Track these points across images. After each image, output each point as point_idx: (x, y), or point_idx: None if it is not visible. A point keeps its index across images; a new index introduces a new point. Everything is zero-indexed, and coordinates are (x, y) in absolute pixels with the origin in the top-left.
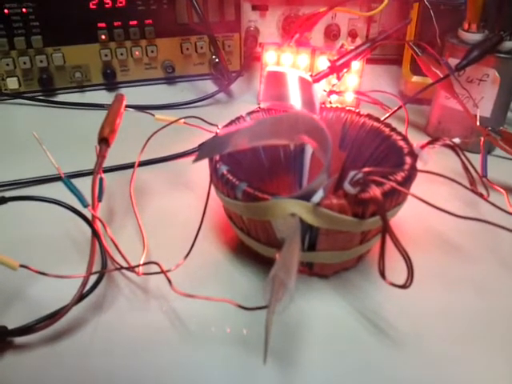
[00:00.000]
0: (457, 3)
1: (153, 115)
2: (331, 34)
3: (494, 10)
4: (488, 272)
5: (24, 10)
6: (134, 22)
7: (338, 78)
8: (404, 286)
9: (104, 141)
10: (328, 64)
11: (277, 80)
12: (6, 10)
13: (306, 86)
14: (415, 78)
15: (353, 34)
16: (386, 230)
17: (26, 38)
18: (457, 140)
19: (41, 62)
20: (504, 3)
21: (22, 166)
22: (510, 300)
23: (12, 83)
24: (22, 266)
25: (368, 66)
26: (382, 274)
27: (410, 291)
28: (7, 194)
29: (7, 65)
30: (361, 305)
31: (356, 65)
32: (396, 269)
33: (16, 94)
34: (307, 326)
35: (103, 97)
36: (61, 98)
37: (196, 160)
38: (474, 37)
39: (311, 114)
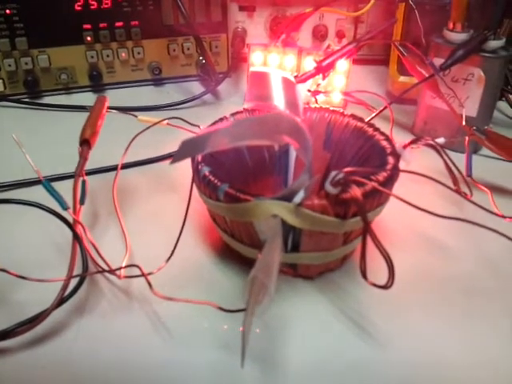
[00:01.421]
0: (442, 3)
1: (136, 116)
2: (319, 34)
3: (478, 9)
4: (472, 271)
5: (8, 11)
6: (120, 24)
7: (324, 78)
8: (385, 287)
9: (86, 142)
10: (314, 64)
11: (260, 80)
12: None
13: (289, 87)
14: (402, 78)
15: (340, 35)
16: (366, 230)
17: (10, 40)
18: (441, 140)
19: (26, 64)
20: (488, 3)
21: (7, 169)
22: (493, 298)
23: None
24: (0, 270)
25: (355, 66)
26: (364, 275)
27: (394, 291)
28: None
29: None
30: (345, 306)
31: (343, 65)
32: (380, 269)
33: (1, 97)
34: (291, 327)
35: (90, 99)
36: (47, 100)
37: (174, 161)
38: (458, 36)
39: (292, 114)
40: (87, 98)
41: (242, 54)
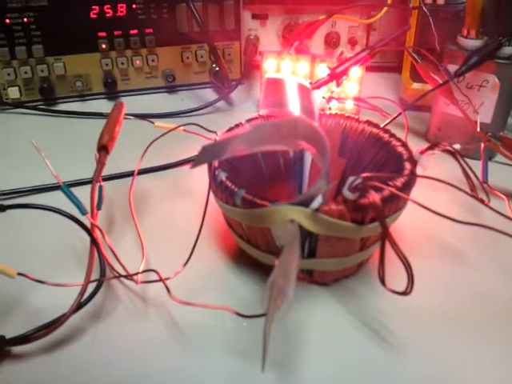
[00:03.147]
0: (456, 10)
1: (152, 123)
2: (331, 41)
3: (492, 16)
4: (489, 278)
5: (25, 19)
6: (135, 31)
7: (338, 85)
8: (404, 293)
9: (103, 148)
10: (328, 71)
11: (276, 87)
12: (7, 20)
13: (305, 93)
14: (415, 85)
15: (353, 42)
16: (385, 236)
17: (27, 48)
18: (457, 146)
19: (42, 71)
20: (502, 10)
21: (23, 175)
22: (511, 306)
23: (13, 93)
24: (19, 274)
25: (368, 73)
26: (382, 281)
27: (412, 298)
28: (7, 202)
29: (8, 74)
30: (362, 312)
31: (356, 72)
32: (397, 275)
33: (17, 104)
34: (308, 334)
35: (104, 106)
36: (62, 107)
37: (194, 166)
38: (473, 43)
39: (309, 120)
40: (102, 105)
41: (254, 62)
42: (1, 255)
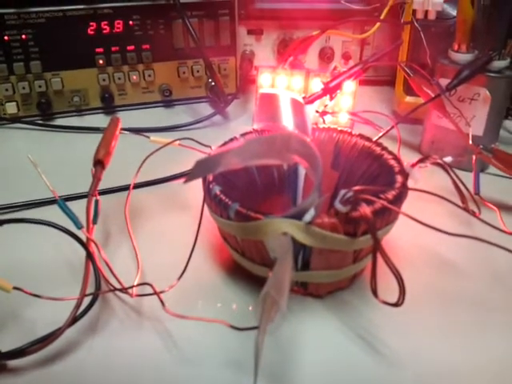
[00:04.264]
0: (447, 24)
1: (148, 137)
2: (325, 56)
3: (482, 30)
4: (482, 288)
5: (24, 36)
6: (132, 47)
7: (331, 99)
8: (396, 304)
9: (99, 163)
10: (321, 86)
11: (270, 102)
12: (6, 37)
13: (298, 108)
14: (408, 99)
15: (346, 57)
16: (376, 248)
17: (25, 64)
18: (448, 159)
19: (39, 86)
20: (492, 24)
21: (21, 189)
22: (504, 315)
23: (11, 108)
24: (15, 288)
25: (362, 87)
26: (374, 293)
27: (405, 309)
28: (3, 217)
29: (6, 90)
30: (355, 324)
31: (350, 86)
32: (390, 286)
33: (15, 119)
34: (302, 346)
35: (101, 120)
36: (59, 121)
37: (188, 180)
38: (463, 57)
39: (302, 134)
40: (99, 120)
41: (249, 76)
42: None
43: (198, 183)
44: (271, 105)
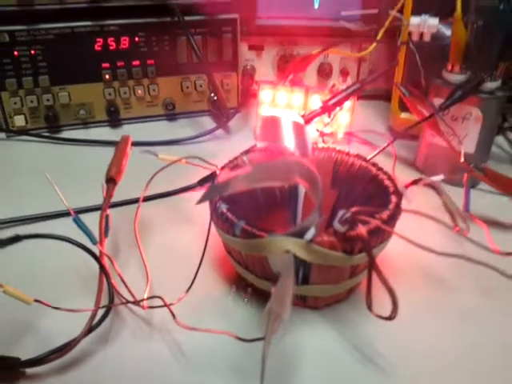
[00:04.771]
0: (442, 45)
1: (156, 155)
2: (324, 72)
3: (475, 52)
4: (472, 302)
5: (33, 51)
6: (137, 63)
7: (330, 117)
8: (389, 318)
9: (111, 180)
10: (320, 104)
11: (272, 123)
12: (15, 52)
13: (298, 129)
14: (404, 115)
15: (344, 73)
16: (371, 265)
17: (33, 78)
18: (440, 177)
19: (47, 100)
20: (484, 46)
21: (28, 201)
22: (493, 328)
23: (19, 120)
24: (36, 300)
25: (359, 101)
26: (369, 307)
27: (399, 323)
28: (12, 230)
29: (15, 103)
30: (352, 336)
31: (347, 103)
32: (385, 300)
33: (22, 131)
34: (301, 356)
35: (107, 133)
36: (65, 134)
37: (200, 202)
38: (457, 78)
39: (304, 158)
40: (105, 133)
41: (250, 91)
42: (13, 281)
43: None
44: (273, 126)
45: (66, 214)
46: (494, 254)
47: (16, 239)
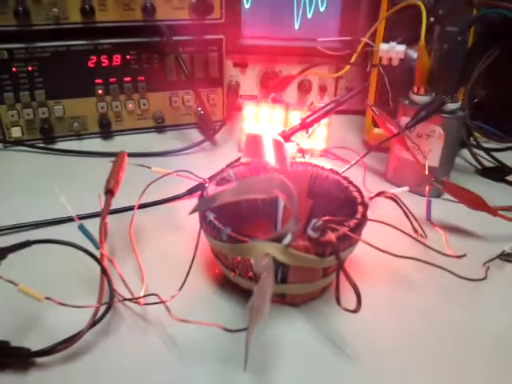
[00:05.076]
0: (409, 66)
1: (149, 168)
2: (304, 88)
3: (438, 76)
4: (431, 299)
5: (30, 68)
6: (128, 79)
7: (308, 133)
8: (354, 311)
9: (110, 192)
10: (299, 121)
11: (255, 141)
12: (14, 69)
13: (278, 146)
14: (376, 130)
15: (323, 89)
16: (339, 266)
17: (30, 92)
18: (405, 189)
19: (43, 113)
20: (446, 71)
21: (23, 209)
22: (450, 323)
23: (16, 132)
24: (46, 298)
25: (336, 116)
26: (338, 302)
27: (365, 316)
28: (12, 236)
29: (12, 116)
30: (325, 329)
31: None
32: (353, 297)
33: (18, 142)
34: (280, 347)
35: (99, 144)
36: (60, 145)
37: (192, 212)
38: (422, 99)
39: (282, 174)
40: (97, 144)
41: (235, 105)
42: (24, 281)
43: (188, 208)
44: (256, 144)
45: (64, 220)
46: (450, 257)
47: (27, 244)
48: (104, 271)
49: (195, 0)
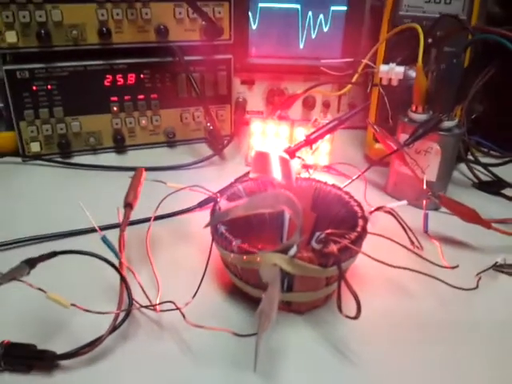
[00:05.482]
0: (408, 85)
1: (165, 183)
2: (308, 104)
3: (435, 96)
4: (428, 308)
5: (49, 86)
6: (142, 97)
7: (312, 149)
8: (354, 318)
9: (129, 205)
10: (303, 137)
11: (263, 158)
12: (34, 87)
13: (284, 163)
14: (377, 145)
15: (326, 104)
16: (341, 276)
17: (49, 110)
18: (404, 202)
19: (61, 129)
20: (443, 91)
21: (43, 219)
22: (444, 331)
23: (35, 147)
24: (72, 304)
25: (338, 131)
26: (340, 309)
27: (365, 324)
28: (34, 247)
29: (32, 131)
30: (329, 335)
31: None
32: (354, 305)
33: (36, 156)
34: (286, 351)
35: (113, 158)
36: (76, 159)
37: (207, 226)
38: (420, 117)
39: (288, 190)
40: (111, 158)
41: (243, 120)
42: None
43: (202, 217)
44: (264, 160)
45: (84, 231)
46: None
47: (53, 255)
48: (123, 280)
49: (205, 23)
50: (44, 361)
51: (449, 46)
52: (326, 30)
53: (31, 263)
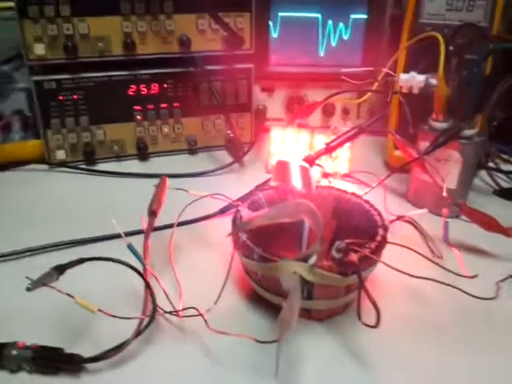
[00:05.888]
0: (430, 91)
1: (187, 191)
2: (327, 111)
3: (456, 104)
4: (447, 316)
5: (75, 96)
6: (165, 105)
7: (331, 156)
8: (374, 326)
9: (153, 213)
10: (323, 145)
11: (283, 167)
12: (60, 97)
13: (305, 172)
14: (397, 153)
15: (346, 111)
16: (361, 285)
17: (75, 119)
18: (424, 211)
19: (86, 137)
20: (463, 99)
21: (65, 227)
22: (463, 340)
23: (60, 155)
24: (99, 310)
25: (360, 137)
26: (359, 317)
27: (384, 331)
28: (62, 252)
29: (58, 140)
30: (348, 342)
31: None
32: (374, 313)
33: (62, 164)
34: (306, 357)
35: (136, 165)
36: (100, 166)
37: (230, 235)
38: (440, 125)
39: (308, 200)
40: (134, 165)
41: (263, 127)
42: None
43: (222, 224)
44: (284, 169)
45: (108, 237)
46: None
47: (81, 261)
48: (148, 286)
49: (227, 33)
50: (72, 364)
51: (470, 54)
52: (346, 38)
53: (60, 270)
